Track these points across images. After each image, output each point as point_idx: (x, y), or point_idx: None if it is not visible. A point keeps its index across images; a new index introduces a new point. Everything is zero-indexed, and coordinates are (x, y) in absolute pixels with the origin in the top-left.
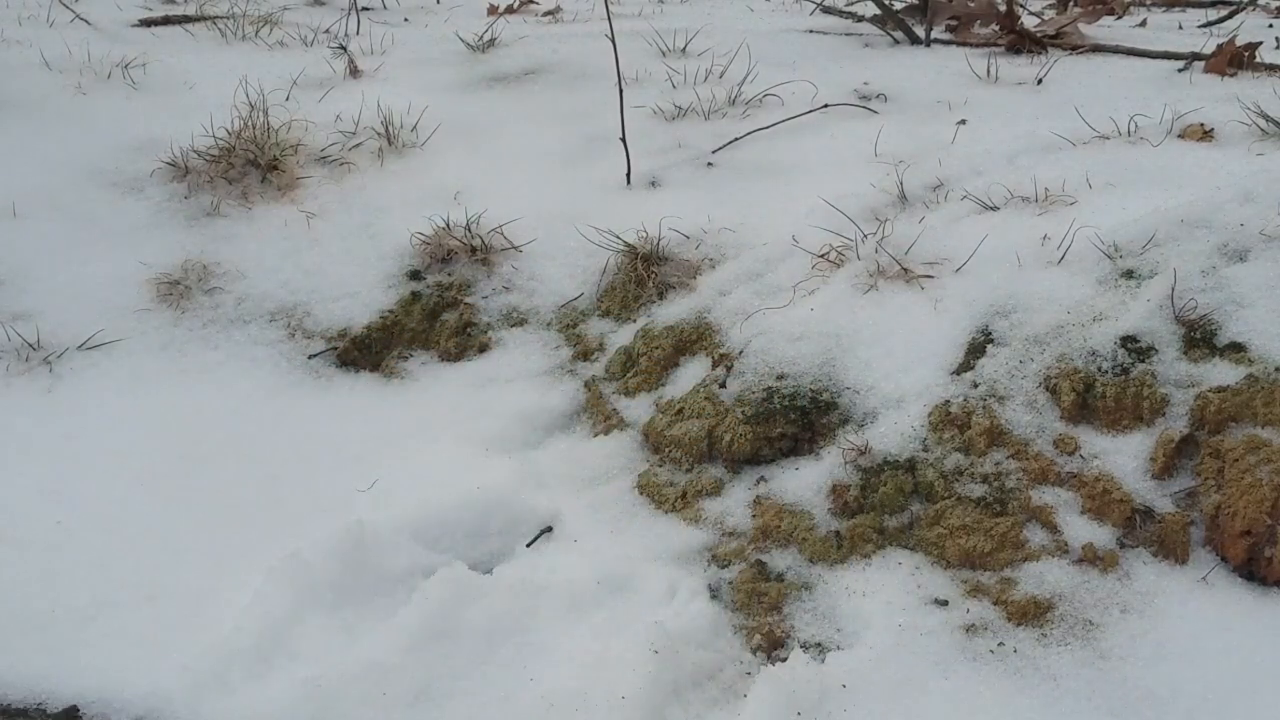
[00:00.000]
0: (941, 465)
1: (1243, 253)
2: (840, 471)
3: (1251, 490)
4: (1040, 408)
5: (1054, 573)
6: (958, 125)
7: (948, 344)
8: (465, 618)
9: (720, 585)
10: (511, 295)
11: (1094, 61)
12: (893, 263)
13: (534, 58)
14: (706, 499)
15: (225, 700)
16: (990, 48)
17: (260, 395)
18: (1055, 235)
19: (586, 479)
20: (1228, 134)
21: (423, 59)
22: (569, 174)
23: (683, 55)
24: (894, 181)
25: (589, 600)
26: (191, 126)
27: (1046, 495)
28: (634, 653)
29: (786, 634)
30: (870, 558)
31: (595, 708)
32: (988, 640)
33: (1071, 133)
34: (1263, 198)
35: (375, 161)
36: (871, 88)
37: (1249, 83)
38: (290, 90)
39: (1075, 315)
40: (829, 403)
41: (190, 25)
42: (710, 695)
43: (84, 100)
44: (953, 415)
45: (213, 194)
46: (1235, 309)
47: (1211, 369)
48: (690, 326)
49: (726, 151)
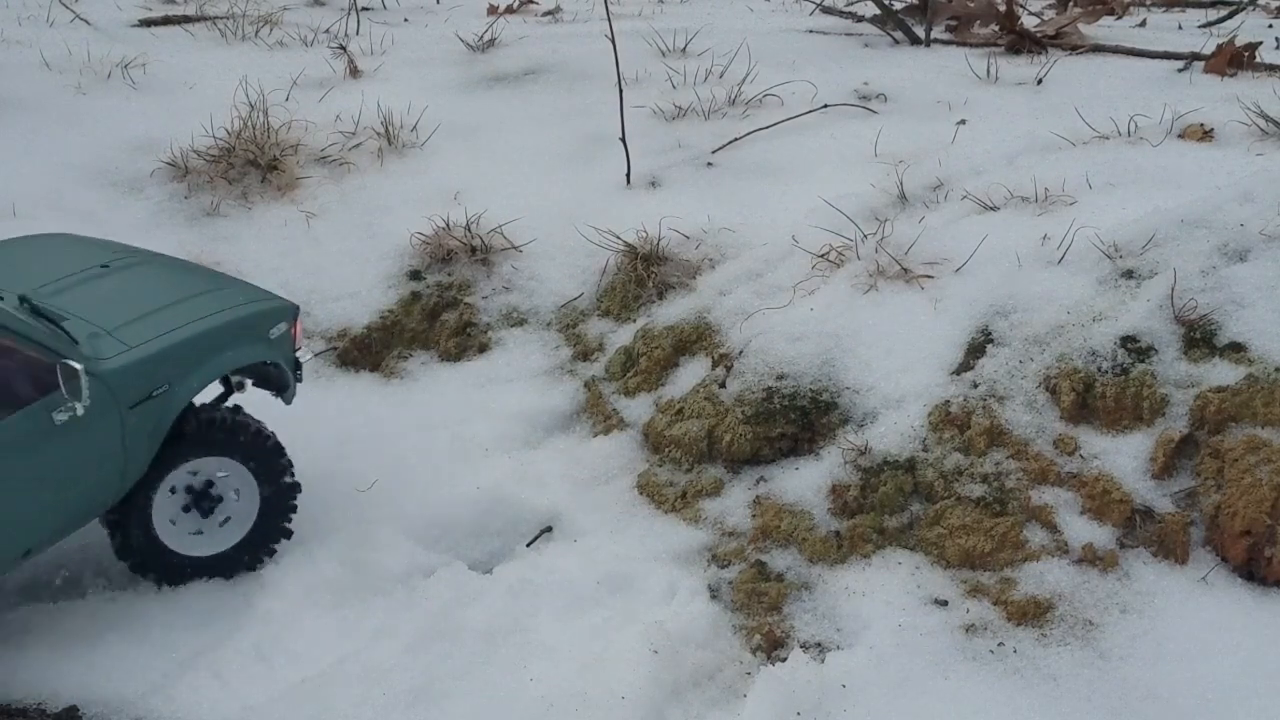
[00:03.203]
0: (941, 465)
1: (1243, 253)
2: (840, 471)
3: (1251, 490)
4: (1040, 408)
5: (1054, 573)
6: (958, 125)
7: (948, 344)
8: (465, 618)
9: (720, 585)
10: (511, 295)
11: (1094, 61)
12: (893, 263)
13: (534, 58)
14: (706, 499)
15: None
16: (990, 48)
17: (260, 396)
18: (1055, 235)
19: (586, 479)
20: (1228, 134)
21: (423, 59)
22: (569, 174)
23: (683, 55)
24: (894, 181)
25: (589, 600)
26: (191, 126)
27: (1046, 495)
28: (634, 653)
29: (786, 634)
30: (870, 558)
31: (595, 708)
32: (987, 640)
33: (1071, 133)
34: (1263, 198)
35: (375, 161)
36: (871, 88)
37: (1249, 83)
38: (290, 90)
39: (1075, 315)
40: (829, 403)
41: (190, 25)
42: (710, 695)
43: (84, 100)
44: (953, 415)
45: (213, 194)
46: (1235, 309)
47: (1211, 369)
48: (690, 326)
49: (726, 151)
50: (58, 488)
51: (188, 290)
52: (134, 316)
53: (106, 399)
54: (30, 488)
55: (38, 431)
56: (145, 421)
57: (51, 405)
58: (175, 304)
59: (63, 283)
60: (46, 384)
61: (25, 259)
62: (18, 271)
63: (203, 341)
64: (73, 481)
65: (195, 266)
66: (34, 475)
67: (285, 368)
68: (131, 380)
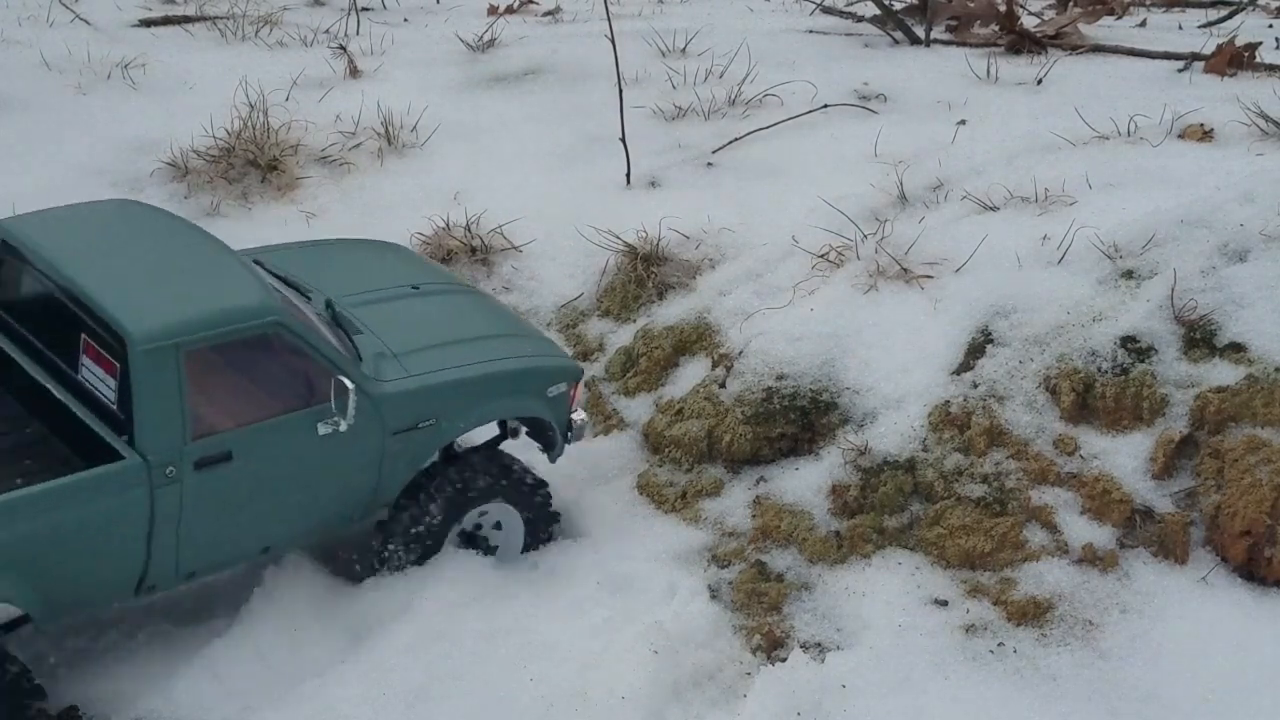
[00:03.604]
0: (941, 465)
1: (1243, 253)
2: (840, 471)
3: (1251, 490)
4: (1040, 408)
5: (1054, 573)
6: (958, 125)
7: (948, 344)
8: (465, 618)
9: (720, 585)
10: (511, 295)
11: (1094, 61)
12: (892, 263)
13: (534, 58)
14: (706, 499)
15: None
16: (990, 48)
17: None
18: (1055, 235)
19: (586, 479)
20: (1228, 134)
21: (423, 59)
22: (569, 174)
23: (683, 55)
24: (894, 181)
25: (589, 600)
26: (191, 126)
27: (1046, 495)
28: (634, 653)
29: (786, 634)
30: (870, 558)
31: (595, 708)
32: (987, 640)
33: (1071, 133)
34: (1263, 198)
35: (375, 161)
36: (871, 88)
37: (1249, 83)
38: (290, 90)
39: (1075, 315)
40: (829, 403)
41: (190, 25)
42: (710, 695)
43: (84, 100)
44: (953, 415)
45: (212, 194)
46: (1235, 309)
47: (1211, 369)
48: (690, 327)
49: (726, 152)
50: (306, 495)
51: (482, 330)
52: (423, 345)
53: (373, 421)
54: (281, 489)
55: (301, 437)
56: (406, 449)
57: (319, 415)
58: (465, 342)
59: (370, 296)
60: (320, 393)
61: (350, 262)
62: (338, 274)
63: (479, 385)
64: (322, 492)
65: (502, 308)
66: (287, 477)
67: (556, 429)
68: (401, 408)
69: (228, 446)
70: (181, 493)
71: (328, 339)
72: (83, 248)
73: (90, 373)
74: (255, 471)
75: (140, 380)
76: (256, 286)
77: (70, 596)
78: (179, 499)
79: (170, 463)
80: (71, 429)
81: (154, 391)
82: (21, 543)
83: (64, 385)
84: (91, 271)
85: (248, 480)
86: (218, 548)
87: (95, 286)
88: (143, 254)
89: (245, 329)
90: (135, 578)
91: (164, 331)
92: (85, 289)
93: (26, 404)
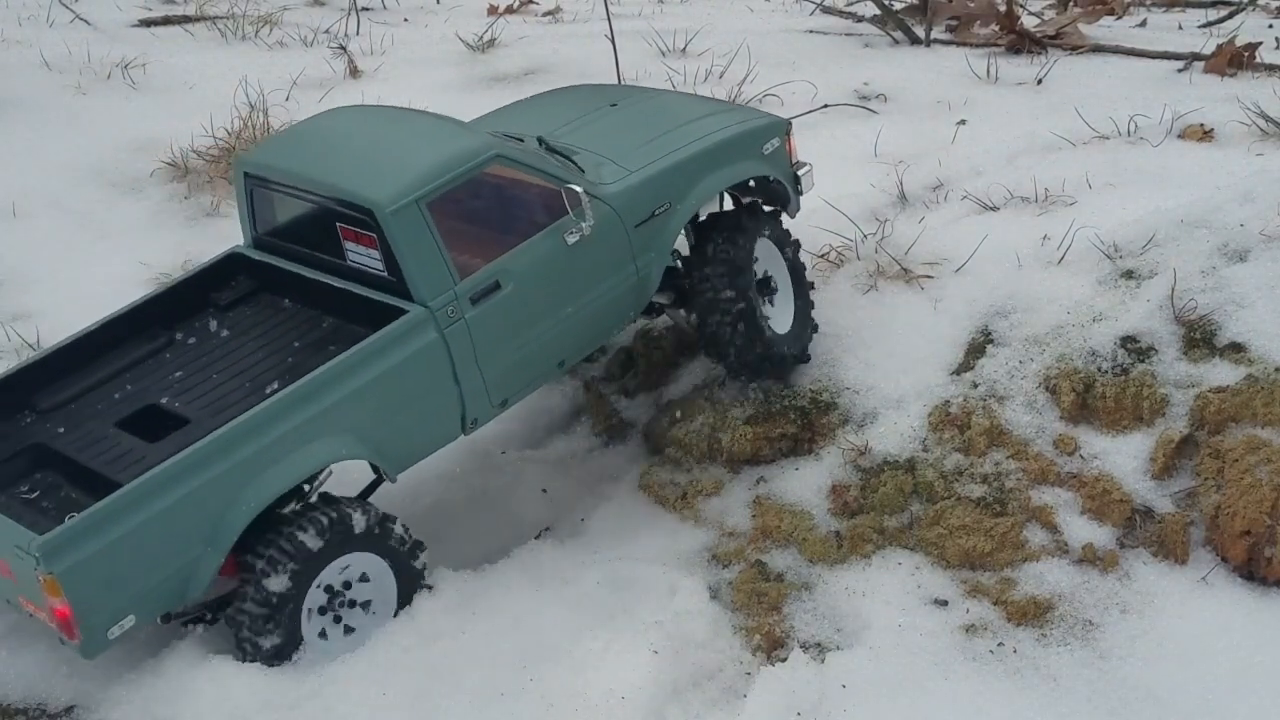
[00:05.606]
0: (941, 465)
1: (1243, 253)
2: (840, 471)
3: (1251, 490)
4: (1040, 408)
5: (1054, 573)
6: (958, 125)
7: (948, 344)
8: (465, 617)
9: (720, 585)
10: None
11: (1094, 61)
12: (893, 263)
13: (534, 58)
14: (706, 499)
15: None
16: (990, 48)
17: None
18: (1055, 235)
19: (587, 478)
20: (1228, 134)
21: (423, 59)
22: None
23: (683, 55)
24: (894, 181)
25: (589, 600)
26: (191, 126)
27: (1046, 495)
28: (634, 653)
29: (786, 634)
30: (870, 558)
31: (595, 708)
32: (987, 640)
33: (1071, 133)
34: (1263, 198)
35: None
36: (871, 88)
37: (1249, 83)
38: (290, 90)
39: (1075, 315)
40: (829, 403)
41: (190, 25)
42: (710, 695)
43: (84, 100)
44: (953, 415)
45: (212, 194)
46: (1235, 309)
47: (1211, 369)
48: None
49: None
50: (579, 303)
51: (684, 117)
52: (636, 144)
53: (612, 219)
54: (555, 303)
55: (555, 251)
56: (652, 239)
57: (564, 228)
58: (672, 130)
59: (576, 123)
60: (557, 209)
61: (549, 107)
62: (543, 116)
63: (697, 162)
64: (592, 297)
65: (694, 97)
66: (556, 291)
67: (785, 182)
68: (633, 201)
69: (494, 278)
70: (468, 328)
71: (551, 163)
72: (312, 153)
73: (356, 254)
74: (526, 294)
75: (397, 240)
76: (468, 132)
77: (407, 445)
78: (468, 334)
79: (448, 304)
80: (360, 311)
81: (413, 247)
82: (348, 404)
83: (341, 275)
84: (326, 167)
85: (522, 303)
86: (517, 371)
87: (334, 177)
88: (364, 140)
89: (471, 168)
90: (457, 414)
91: (402, 191)
92: (326, 182)
93: (319, 306)
